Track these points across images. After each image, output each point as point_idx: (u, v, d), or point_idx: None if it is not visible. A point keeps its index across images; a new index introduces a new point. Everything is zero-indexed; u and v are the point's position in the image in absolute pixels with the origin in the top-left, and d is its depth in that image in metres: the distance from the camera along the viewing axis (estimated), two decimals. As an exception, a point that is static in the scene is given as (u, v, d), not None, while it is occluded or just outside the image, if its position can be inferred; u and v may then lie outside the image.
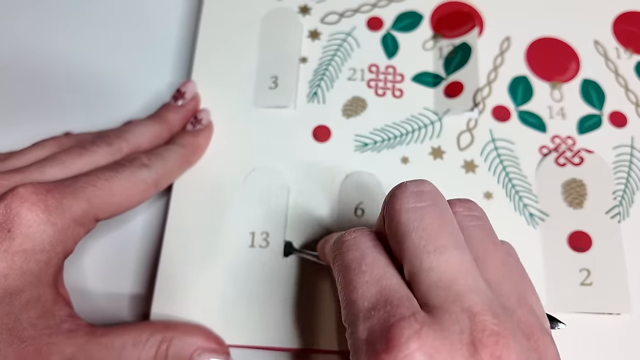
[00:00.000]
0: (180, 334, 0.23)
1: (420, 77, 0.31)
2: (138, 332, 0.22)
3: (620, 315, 0.26)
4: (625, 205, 0.28)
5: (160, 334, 0.22)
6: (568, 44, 0.32)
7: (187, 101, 0.30)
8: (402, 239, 0.18)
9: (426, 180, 0.20)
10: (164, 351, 0.22)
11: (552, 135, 0.30)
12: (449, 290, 0.16)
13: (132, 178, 0.24)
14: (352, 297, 0.18)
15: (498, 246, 0.20)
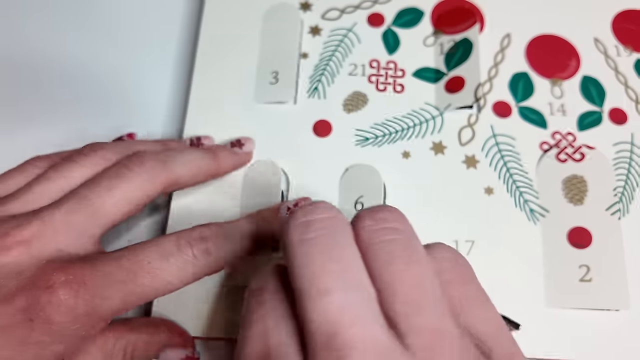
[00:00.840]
0: (144, 335, 0.22)
1: (421, 73, 0.31)
2: (104, 341, 0.21)
3: (619, 312, 0.26)
4: (625, 202, 0.28)
5: (124, 340, 0.21)
6: (568, 41, 0.32)
7: (243, 152, 0.28)
8: (291, 278, 0.16)
9: (323, 201, 0.18)
10: (129, 355, 0.22)
11: (552, 132, 0.30)
12: (330, 348, 0.14)
13: (184, 269, 0.21)
14: (242, 353, 0.16)
15: (414, 264, 0.17)
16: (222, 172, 0.27)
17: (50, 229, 0.20)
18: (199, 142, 0.28)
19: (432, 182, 0.28)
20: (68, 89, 0.33)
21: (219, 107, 0.30)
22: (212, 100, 0.30)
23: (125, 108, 0.32)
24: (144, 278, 0.20)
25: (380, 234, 0.17)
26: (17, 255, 0.19)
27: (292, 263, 0.16)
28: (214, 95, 0.31)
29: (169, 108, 0.32)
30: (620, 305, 0.26)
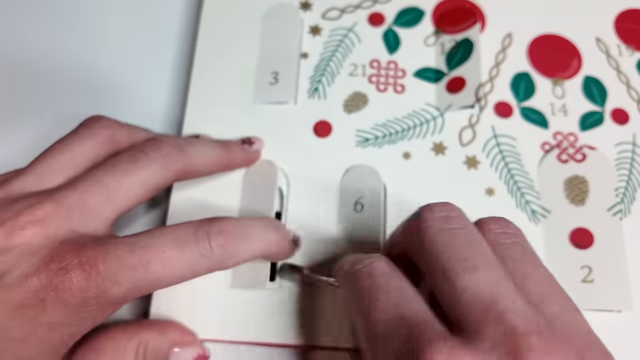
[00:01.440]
0: (156, 334, 0.23)
1: (422, 73, 0.31)
2: (114, 342, 0.22)
3: (621, 313, 0.26)
4: (627, 203, 0.28)
5: (136, 339, 0.22)
6: (570, 41, 0.32)
7: (253, 150, 0.28)
8: (432, 260, 0.18)
9: (451, 203, 0.20)
10: (142, 354, 0.22)
11: (554, 132, 0.30)
12: (489, 311, 0.16)
13: (198, 262, 0.21)
14: (372, 324, 0.18)
15: (539, 265, 0.19)
16: (233, 166, 0.27)
17: (64, 210, 0.20)
18: (250, 142, 0.29)
19: (433, 182, 0.28)
20: (66, 88, 0.33)
21: (219, 107, 0.30)
22: (212, 100, 0.30)
23: (124, 107, 0.32)
24: (156, 266, 0.19)
25: (504, 237, 0.19)
26: (31, 235, 0.19)
27: (436, 247, 0.18)
28: (213, 95, 0.30)
29: (167, 108, 0.32)
30: (622, 306, 0.26)
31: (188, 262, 0.20)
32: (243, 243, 0.22)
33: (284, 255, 0.25)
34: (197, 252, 0.20)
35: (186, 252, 0.20)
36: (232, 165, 0.27)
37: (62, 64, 0.34)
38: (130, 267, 0.19)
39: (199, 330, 0.25)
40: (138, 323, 0.23)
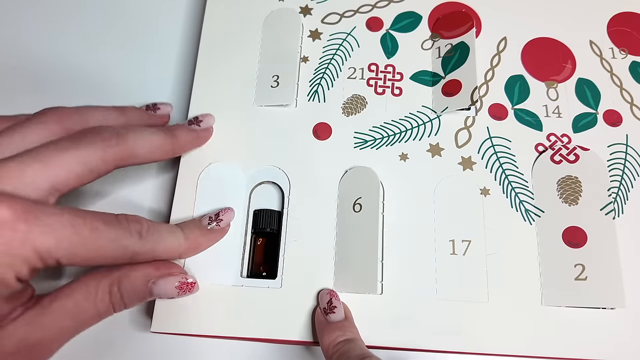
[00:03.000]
0: (127, 271, 0.22)
1: (418, 76, 0.32)
2: (84, 285, 0.21)
3: (614, 310, 0.27)
4: (620, 203, 0.29)
5: (107, 279, 0.22)
6: (563, 44, 0.33)
7: (201, 129, 0.28)
8: None
9: None
10: (116, 293, 0.22)
11: (548, 133, 0.30)
12: None
13: (116, 242, 0.21)
14: None
15: None
16: (181, 150, 0.27)
17: (2, 177, 0.20)
18: (155, 107, 0.29)
19: (430, 183, 0.29)
20: (69, 90, 0.33)
21: (220, 109, 0.31)
22: (214, 103, 0.31)
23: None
24: (81, 232, 0.20)
25: None
26: None
27: None
28: (215, 98, 0.31)
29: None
30: (615, 304, 0.27)
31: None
32: (157, 240, 0.23)
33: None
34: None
35: (111, 226, 0.21)
36: (179, 149, 0.27)
37: (66, 67, 0.34)
38: (55, 222, 0.20)
39: (203, 326, 0.26)
40: (109, 268, 0.23)
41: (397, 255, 0.27)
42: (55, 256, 0.19)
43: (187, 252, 0.25)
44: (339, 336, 0.24)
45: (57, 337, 0.20)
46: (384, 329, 0.26)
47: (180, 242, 0.24)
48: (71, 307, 0.21)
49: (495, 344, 0.26)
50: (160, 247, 0.23)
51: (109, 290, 0.22)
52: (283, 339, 0.26)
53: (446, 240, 0.28)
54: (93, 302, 0.21)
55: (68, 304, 0.21)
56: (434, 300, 0.27)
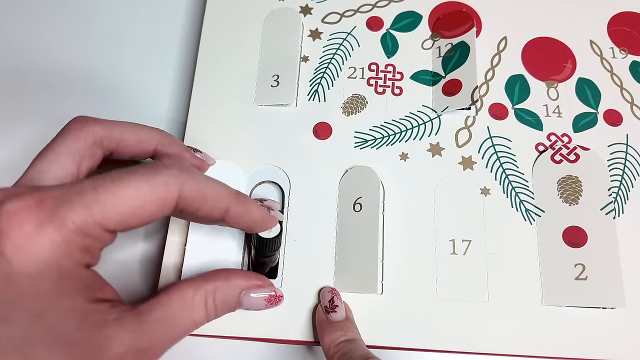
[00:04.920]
0: (221, 282, 0.23)
1: (419, 76, 0.32)
2: (181, 294, 0.21)
3: (615, 309, 0.27)
4: (620, 202, 0.29)
5: (202, 290, 0.22)
6: (564, 43, 0.33)
7: (199, 156, 0.27)
8: None
9: None
10: (212, 304, 0.22)
11: (548, 133, 0.30)
12: None
13: (149, 180, 0.19)
14: None
15: None
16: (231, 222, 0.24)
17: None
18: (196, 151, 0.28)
19: (430, 183, 0.29)
20: (70, 91, 0.33)
21: (221, 109, 0.31)
22: (214, 103, 0.31)
23: (127, 111, 0.33)
24: (106, 187, 0.19)
25: None
26: None
27: None
28: (216, 98, 0.31)
29: (170, 111, 0.33)
30: (615, 303, 0.27)
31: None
32: (189, 170, 0.21)
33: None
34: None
35: (133, 172, 0.20)
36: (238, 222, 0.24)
37: (66, 68, 0.34)
38: (77, 191, 0.19)
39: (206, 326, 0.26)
40: (202, 276, 0.23)
41: (398, 255, 0.27)
42: (97, 223, 0.18)
43: (261, 228, 0.25)
44: (340, 336, 0.24)
45: (159, 346, 0.20)
46: (385, 329, 0.26)
47: (263, 217, 0.24)
48: (170, 316, 0.20)
49: (496, 343, 0.26)
50: (250, 216, 0.23)
51: (204, 301, 0.22)
52: (283, 339, 0.26)
53: (446, 240, 0.28)
54: (190, 312, 0.21)
55: (167, 313, 0.20)
56: (434, 300, 0.27)
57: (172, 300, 0.21)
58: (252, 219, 0.23)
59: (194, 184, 0.20)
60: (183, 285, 0.22)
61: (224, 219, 0.22)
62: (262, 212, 0.24)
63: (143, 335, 0.19)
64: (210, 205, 0.21)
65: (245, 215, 0.23)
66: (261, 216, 0.24)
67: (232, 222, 0.22)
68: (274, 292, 0.25)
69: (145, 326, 0.19)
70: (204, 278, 0.22)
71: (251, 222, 0.23)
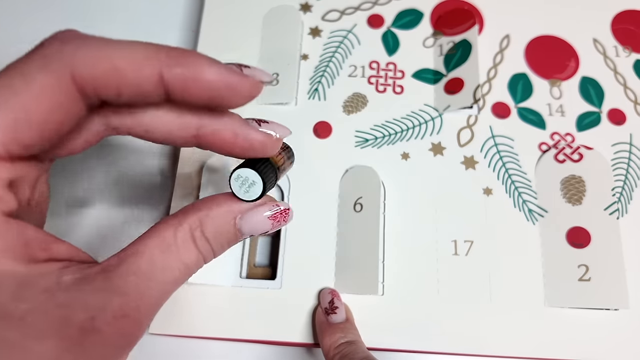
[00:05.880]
0: (206, 211, 0.17)
1: (420, 74, 0.31)
2: (158, 236, 0.16)
3: (618, 311, 0.26)
4: (624, 202, 0.28)
5: (184, 225, 0.17)
6: (567, 42, 0.32)
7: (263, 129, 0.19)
8: None
9: None
10: (201, 238, 0.17)
11: (551, 132, 0.30)
12: None
13: (40, 69, 0.14)
14: None
15: None
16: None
17: None
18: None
19: (431, 183, 0.29)
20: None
21: (220, 108, 0.30)
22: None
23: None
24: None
25: None
26: None
27: None
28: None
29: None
30: (619, 305, 0.26)
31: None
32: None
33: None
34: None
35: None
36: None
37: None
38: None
39: (202, 328, 0.26)
40: (182, 210, 0.17)
41: (399, 255, 0.27)
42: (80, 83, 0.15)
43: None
44: (340, 338, 0.24)
45: (144, 303, 0.16)
46: (386, 330, 0.26)
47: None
48: (148, 265, 0.16)
49: (498, 345, 0.26)
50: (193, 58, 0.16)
51: (191, 237, 0.17)
52: (283, 341, 0.26)
53: (448, 240, 0.27)
54: (175, 255, 0.16)
55: (142, 263, 0.16)
56: (435, 301, 0.26)
57: (147, 246, 0.16)
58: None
59: (90, 52, 0.15)
60: (159, 227, 0.17)
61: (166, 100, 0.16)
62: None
63: (115, 294, 0.15)
64: (132, 77, 0.15)
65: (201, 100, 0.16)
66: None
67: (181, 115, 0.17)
68: (277, 206, 0.18)
69: (115, 283, 0.15)
70: (184, 212, 0.17)
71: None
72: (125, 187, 0.31)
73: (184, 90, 0.16)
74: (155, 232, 0.17)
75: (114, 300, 0.15)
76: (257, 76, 0.17)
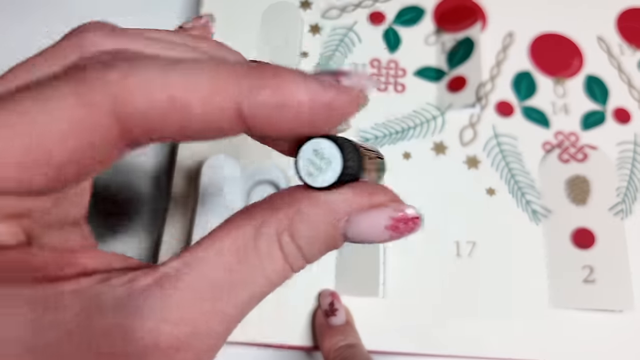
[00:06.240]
0: (298, 206, 0.12)
1: (422, 72, 0.31)
2: (234, 238, 0.12)
3: (623, 312, 0.26)
4: (629, 202, 0.28)
5: (271, 225, 0.12)
6: (571, 39, 0.32)
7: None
8: None
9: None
10: (290, 244, 0.12)
11: (555, 131, 0.30)
12: None
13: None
14: None
15: None
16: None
17: None
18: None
19: (433, 183, 0.28)
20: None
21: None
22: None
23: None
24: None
25: None
26: None
27: None
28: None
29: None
30: (624, 306, 0.26)
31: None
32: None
33: None
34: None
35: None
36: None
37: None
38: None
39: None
40: (267, 202, 0.13)
41: (400, 257, 0.27)
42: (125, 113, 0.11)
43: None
44: (340, 341, 0.23)
45: (204, 333, 0.12)
46: (386, 333, 0.26)
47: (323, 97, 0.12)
48: (215, 279, 0.11)
49: (501, 347, 0.25)
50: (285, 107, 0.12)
51: (277, 241, 0.12)
52: (282, 344, 0.26)
53: (451, 241, 0.27)
54: (257, 265, 0.12)
55: (210, 276, 0.11)
56: (437, 303, 0.26)
57: (219, 253, 0.12)
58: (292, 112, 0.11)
59: (144, 79, 0.11)
60: (236, 223, 0.12)
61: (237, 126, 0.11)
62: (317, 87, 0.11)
63: (170, 320, 0.11)
64: (200, 113, 0.11)
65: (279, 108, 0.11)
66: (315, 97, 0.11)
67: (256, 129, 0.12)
68: (401, 210, 0.13)
69: (172, 302, 0.11)
70: (266, 206, 0.13)
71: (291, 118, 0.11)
72: (120, 188, 0.30)
73: (268, 123, 0.11)
74: (228, 233, 0.12)
75: (168, 328, 0.11)
76: (359, 85, 0.12)
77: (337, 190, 0.13)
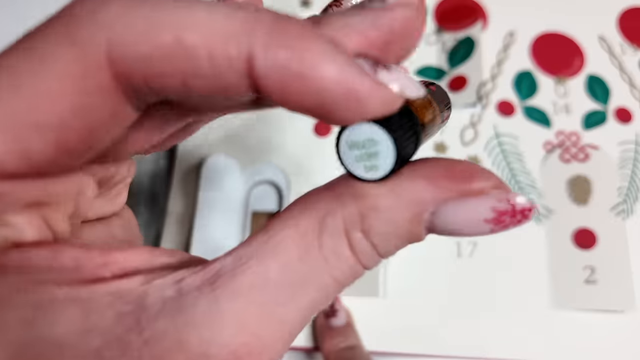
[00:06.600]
0: (374, 200, 0.10)
1: (423, 71, 0.31)
2: (294, 234, 0.10)
3: (624, 313, 0.26)
4: (630, 202, 0.28)
5: (338, 217, 0.10)
6: (573, 39, 0.32)
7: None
8: None
9: None
10: (362, 240, 0.10)
11: (556, 131, 0.30)
12: None
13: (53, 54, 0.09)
14: None
15: None
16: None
17: None
18: None
19: (434, 182, 0.28)
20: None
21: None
22: (211, 99, 0.30)
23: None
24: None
25: None
26: None
27: None
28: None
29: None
30: (625, 307, 0.26)
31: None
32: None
33: None
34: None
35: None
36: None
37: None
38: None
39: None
40: (330, 188, 0.11)
41: (400, 257, 0.27)
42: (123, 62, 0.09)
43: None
44: (341, 342, 0.23)
45: (261, 341, 0.10)
46: (387, 334, 0.25)
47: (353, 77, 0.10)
48: (274, 279, 0.10)
49: (502, 348, 0.25)
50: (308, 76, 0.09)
51: (345, 237, 0.10)
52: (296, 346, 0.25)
53: (452, 241, 0.27)
54: (321, 264, 0.10)
55: (267, 275, 0.10)
56: (438, 303, 0.26)
57: (278, 249, 0.10)
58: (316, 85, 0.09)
59: (141, 15, 0.09)
60: (294, 215, 0.11)
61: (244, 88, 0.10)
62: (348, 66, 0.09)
63: (226, 325, 0.10)
64: (207, 60, 0.09)
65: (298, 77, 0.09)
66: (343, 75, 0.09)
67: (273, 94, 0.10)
68: (507, 200, 0.10)
69: (226, 306, 0.10)
70: (334, 193, 0.11)
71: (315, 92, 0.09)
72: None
73: (280, 90, 0.09)
74: (288, 227, 0.10)
75: (225, 337, 0.10)
76: (399, 85, 0.10)
77: (420, 172, 0.10)
